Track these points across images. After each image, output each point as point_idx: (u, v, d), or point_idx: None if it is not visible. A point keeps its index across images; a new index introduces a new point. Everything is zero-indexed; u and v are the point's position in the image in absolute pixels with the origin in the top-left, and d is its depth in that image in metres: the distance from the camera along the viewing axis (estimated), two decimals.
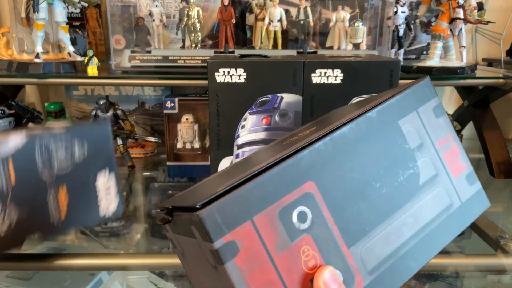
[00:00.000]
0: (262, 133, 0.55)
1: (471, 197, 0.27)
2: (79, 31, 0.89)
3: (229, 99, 0.53)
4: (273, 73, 0.52)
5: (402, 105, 0.26)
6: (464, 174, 0.27)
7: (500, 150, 0.77)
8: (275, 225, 0.21)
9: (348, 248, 0.23)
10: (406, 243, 0.25)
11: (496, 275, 0.58)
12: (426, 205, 0.26)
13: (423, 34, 0.94)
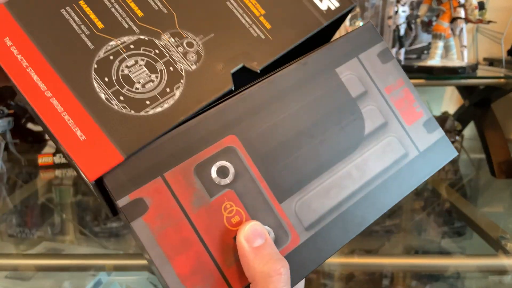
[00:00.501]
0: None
1: (432, 145, 0.25)
2: None
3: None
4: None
5: (339, 52, 0.24)
6: (421, 121, 0.25)
7: (501, 150, 0.77)
8: (191, 181, 0.20)
9: (280, 203, 0.22)
10: (350, 197, 0.23)
11: (497, 276, 0.58)
12: (374, 156, 0.24)
13: (424, 34, 0.93)
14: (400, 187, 0.24)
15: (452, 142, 0.85)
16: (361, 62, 0.25)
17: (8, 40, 0.20)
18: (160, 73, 0.22)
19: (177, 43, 0.22)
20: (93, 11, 0.22)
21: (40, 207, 0.66)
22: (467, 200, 0.68)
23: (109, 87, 0.21)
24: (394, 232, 0.57)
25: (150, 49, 0.22)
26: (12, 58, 0.20)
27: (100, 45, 0.21)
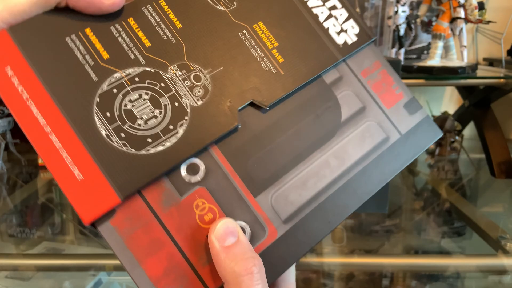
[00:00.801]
0: None
1: (414, 127, 0.24)
2: None
3: None
4: None
5: None
6: (401, 103, 0.24)
7: (501, 150, 0.77)
8: (159, 181, 0.20)
9: (255, 197, 0.21)
10: (329, 186, 0.22)
11: (497, 276, 0.58)
12: (352, 142, 0.23)
13: (423, 34, 0.93)
14: (383, 172, 0.23)
15: (452, 142, 0.85)
16: None
17: (9, 69, 0.19)
18: (164, 108, 0.21)
19: (184, 76, 0.21)
20: (99, 40, 0.21)
21: (40, 207, 0.66)
22: (466, 200, 0.68)
23: (110, 122, 0.20)
24: (394, 232, 0.57)
25: (155, 82, 0.21)
26: (12, 89, 0.19)
27: (104, 77, 0.20)
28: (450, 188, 0.72)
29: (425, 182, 0.79)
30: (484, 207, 0.68)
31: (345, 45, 0.24)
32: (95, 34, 0.21)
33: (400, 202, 0.68)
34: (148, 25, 0.22)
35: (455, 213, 0.63)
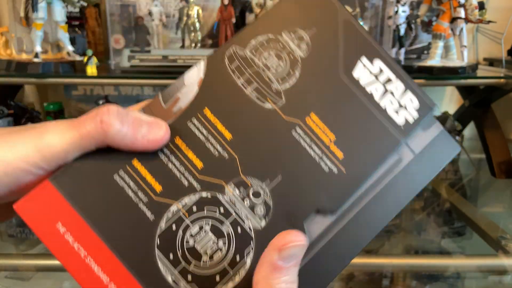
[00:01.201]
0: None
1: (429, 144, 0.22)
2: (78, 30, 0.88)
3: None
4: None
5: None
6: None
7: (501, 150, 0.77)
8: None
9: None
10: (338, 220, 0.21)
11: (497, 276, 0.58)
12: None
13: (424, 34, 0.93)
14: (397, 197, 0.21)
15: None
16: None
17: (61, 226, 0.18)
18: (228, 237, 0.19)
19: (243, 194, 0.20)
20: (149, 170, 0.19)
21: None
22: (467, 200, 0.68)
23: (175, 265, 0.19)
24: (394, 232, 0.57)
25: (214, 208, 0.19)
26: (67, 248, 0.18)
27: (160, 214, 0.19)
28: (450, 188, 0.72)
29: None
30: (484, 207, 0.68)
31: (407, 124, 0.22)
32: (143, 164, 0.19)
33: None
34: (197, 142, 0.20)
35: (455, 213, 0.63)
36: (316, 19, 0.22)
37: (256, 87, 0.21)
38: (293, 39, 0.22)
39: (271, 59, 0.22)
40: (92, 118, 0.18)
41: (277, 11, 0.22)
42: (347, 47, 0.22)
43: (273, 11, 0.22)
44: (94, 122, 0.18)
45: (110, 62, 0.77)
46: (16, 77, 0.72)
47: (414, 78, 0.71)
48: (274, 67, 0.21)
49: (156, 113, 0.20)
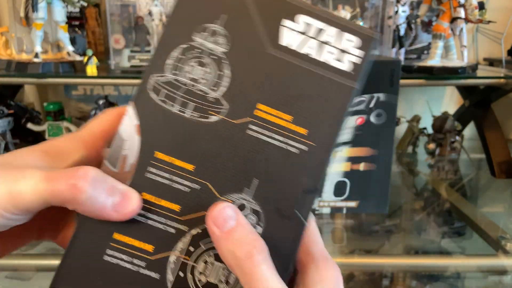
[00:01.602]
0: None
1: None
2: (78, 30, 0.88)
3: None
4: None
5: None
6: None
7: (501, 150, 0.77)
8: None
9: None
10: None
11: (497, 276, 0.58)
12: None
13: (424, 34, 0.93)
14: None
15: (452, 142, 0.85)
16: None
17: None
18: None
19: None
20: (133, 237, 0.19)
21: None
22: (467, 200, 0.68)
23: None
24: (394, 232, 0.57)
25: (209, 238, 0.19)
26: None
27: (163, 269, 0.19)
28: (450, 188, 0.72)
29: (425, 182, 0.79)
30: (484, 207, 0.68)
31: (355, 67, 0.20)
32: (125, 234, 0.19)
33: (401, 202, 0.68)
34: (164, 188, 0.19)
35: (455, 213, 0.63)
36: (220, 5, 0.20)
37: (194, 107, 0.20)
38: (207, 37, 0.20)
39: (195, 70, 0.20)
40: (67, 178, 0.18)
41: (177, 16, 0.20)
42: (264, 18, 0.20)
43: (173, 18, 0.20)
44: (67, 184, 0.18)
45: (110, 62, 0.77)
46: (16, 77, 0.72)
47: (414, 78, 0.72)
48: (201, 77, 0.20)
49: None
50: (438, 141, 0.83)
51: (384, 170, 0.55)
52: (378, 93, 0.53)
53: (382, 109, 0.53)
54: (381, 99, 0.53)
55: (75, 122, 0.89)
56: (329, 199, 0.56)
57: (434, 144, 0.83)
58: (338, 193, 0.56)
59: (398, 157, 0.87)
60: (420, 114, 0.91)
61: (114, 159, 0.20)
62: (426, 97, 1.00)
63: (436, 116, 0.84)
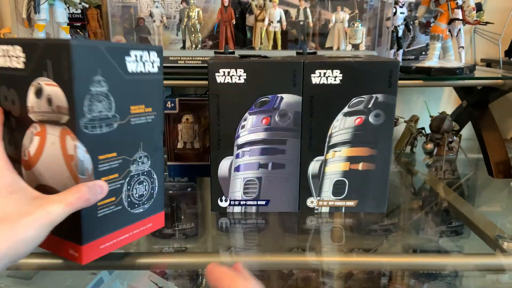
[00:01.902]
0: (262, 133, 0.55)
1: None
2: (80, 32, 0.89)
3: (229, 100, 0.53)
4: (273, 73, 0.53)
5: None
6: None
7: (498, 150, 0.77)
8: None
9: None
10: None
11: (494, 275, 0.58)
12: None
13: (422, 35, 0.94)
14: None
15: (450, 142, 0.85)
16: None
17: None
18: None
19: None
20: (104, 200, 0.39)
21: None
22: (464, 200, 0.68)
23: None
24: (393, 231, 0.57)
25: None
26: None
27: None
28: (448, 187, 0.73)
29: (423, 181, 0.79)
30: (482, 207, 0.68)
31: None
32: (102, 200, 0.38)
33: (399, 202, 0.69)
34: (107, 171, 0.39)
35: (453, 212, 0.64)
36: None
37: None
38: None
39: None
40: (79, 199, 0.34)
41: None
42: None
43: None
44: (82, 201, 0.34)
45: None
46: None
47: (412, 79, 0.72)
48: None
49: None
50: (436, 141, 0.83)
51: (383, 170, 0.55)
52: (377, 94, 0.53)
53: (381, 110, 0.54)
54: (380, 100, 0.53)
55: None
56: (328, 198, 0.57)
57: (432, 144, 0.83)
58: (336, 192, 0.57)
59: (397, 157, 0.88)
60: (418, 114, 0.92)
61: (82, 171, 0.35)
62: (424, 98, 1.01)
63: (434, 117, 0.85)
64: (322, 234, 0.55)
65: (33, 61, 0.35)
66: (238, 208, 0.58)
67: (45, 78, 0.35)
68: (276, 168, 0.56)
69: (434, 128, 0.83)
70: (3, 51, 0.38)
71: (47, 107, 0.35)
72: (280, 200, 0.57)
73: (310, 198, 0.57)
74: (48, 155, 0.37)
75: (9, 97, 0.39)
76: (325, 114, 0.54)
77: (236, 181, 0.57)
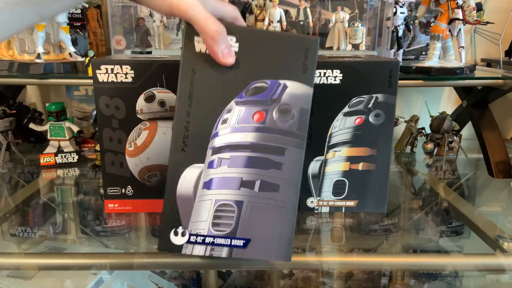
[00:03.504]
0: (252, 134, 0.38)
1: None
2: (80, 31, 0.89)
3: (209, 78, 0.37)
4: (277, 50, 0.38)
5: None
6: None
7: (498, 150, 0.77)
8: None
9: None
10: None
11: (495, 275, 0.58)
12: None
13: (422, 35, 0.94)
14: None
15: (450, 142, 0.85)
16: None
17: None
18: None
19: None
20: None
21: (42, 207, 0.66)
22: (465, 200, 0.68)
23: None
24: (393, 231, 0.57)
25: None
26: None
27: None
28: (448, 187, 0.73)
29: (424, 181, 0.79)
30: (482, 207, 0.68)
31: None
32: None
33: (399, 202, 0.69)
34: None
35: (453, 212, 0.64)
36: None
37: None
38: None
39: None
40: (216, 25, 0.36)
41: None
42: None
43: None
44: (215, 26, 0.36)
45: None
46: (18, 78, 0.73)
47: (412, 78, 0.72)
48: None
49: None
50: (436, 141, 0.83)
51: (383, 170, 0.55)
52: (377, 94, 0.53)
53: (381, 110, 0.54)
54: (380, 100, 0.53)
55: (76, 122, 0.89)
56: (328, 198, 0.57)
57: (432, 144, 0.83)
58: (337, 192, 0.57)
59: (397, 157, 0.88)
60: (418, 114, 0.92)
61: None
62: (425, 98, 1.01)
63: (434, 116, 0.85)
64: (322, 234, 0.55)
65: (145, 75, 0.50)
66: (200, 249, 0.38)
67: (158, 88, 0.51)
68: (265, 189, 0.38)
69: (434, 128, 0.83)
70: (106, 70, 0.50)
71: (159, 108, 0.52)
72: (266, 242, 0.38)
73: (310, 198, 0.57)
74: (160, 142, 0.52)
75: (112, 105, 0.51)
76: (325, 114, 0.54)
77: (204, 204, 0.38)
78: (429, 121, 0.86)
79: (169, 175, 0.38)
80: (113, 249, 0.53)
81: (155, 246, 0.54)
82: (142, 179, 0.56)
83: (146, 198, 0.57)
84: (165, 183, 0.38)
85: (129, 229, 0.57)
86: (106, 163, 0.55)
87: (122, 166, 0.55)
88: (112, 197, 0.57)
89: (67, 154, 0.81)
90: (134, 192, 0.57)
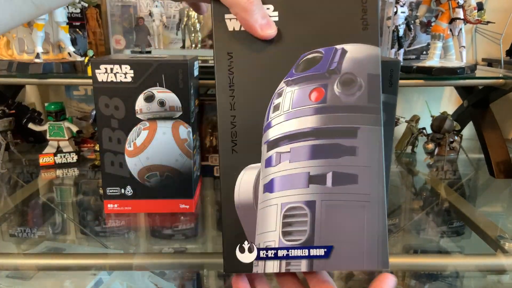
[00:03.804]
0: (312, 117, 0.31)
1: None
2: (79, 31, 0.89)
3: (251, 60, 0.31)
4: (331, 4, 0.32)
5: None
6: None
7: (499, 150, 0.77)
8: None
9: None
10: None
11: (496, 275, 0.58)
12: None
13: (423, 34, 0.94)
14: None
15: (451, 142, 0.85)
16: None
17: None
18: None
19: None
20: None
21: (41, 207, 0.66)
22: (466, 200, 0.68)
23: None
24: (393, 231, 0.57)
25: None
26: None
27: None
28: (449, 188, 0.73)
29: (424, 182, 0.79)
30: (483, 207, 0.68)
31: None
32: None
33: (399, 202, 0.68)
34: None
35: (454, 212, 0.63)
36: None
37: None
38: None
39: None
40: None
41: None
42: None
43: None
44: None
45: None
46: (17, 78, 0.73)
47: (413, 78, 0.72)
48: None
49: None
50: (437, 141, 0.83)
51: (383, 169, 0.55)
52: None
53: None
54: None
55: (76, 122, 0.89)
56: None
57: (433, 144, 0.83)
58: None
59: (397, 157, 0.87)
60: (419, 114, 0.92)
61: (192, 148, 0.43)
62: (425, 97, 1.01)
63: (435, 116, 0.85)
64: None
65: (144, 75, 0.50)
66: (273, 265, 0.31)
67: (158, 87, 0.51)
68: (340, 182, 0.30)
69: (435, 128, 0.83)
70: (105, 69, 0.50)
71: (159, 108, 0.52)
72: (353, 247, 0.31)
73: None
74: (159, 142, 0.53)
75: (111, 104, 0.52)
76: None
77: (268, 211, 0.31)
78: (429, 121, 0.85)
79: (223, 183, 0.31)
80: (112, 249, 0.53)
81: (155, 246, 0.54)
82: (141, 179, 0.56)
83: (146, 198, 0.57)
84: (221, 191, 0.31)
85: (129, 229, 0.57)
86: (106, 163, 0.55)
87: (121, 166, 0.55)
88: (112, 197, 0.57)
89: (67, 154, 0.81)
90: (134, 192, 0.57)
